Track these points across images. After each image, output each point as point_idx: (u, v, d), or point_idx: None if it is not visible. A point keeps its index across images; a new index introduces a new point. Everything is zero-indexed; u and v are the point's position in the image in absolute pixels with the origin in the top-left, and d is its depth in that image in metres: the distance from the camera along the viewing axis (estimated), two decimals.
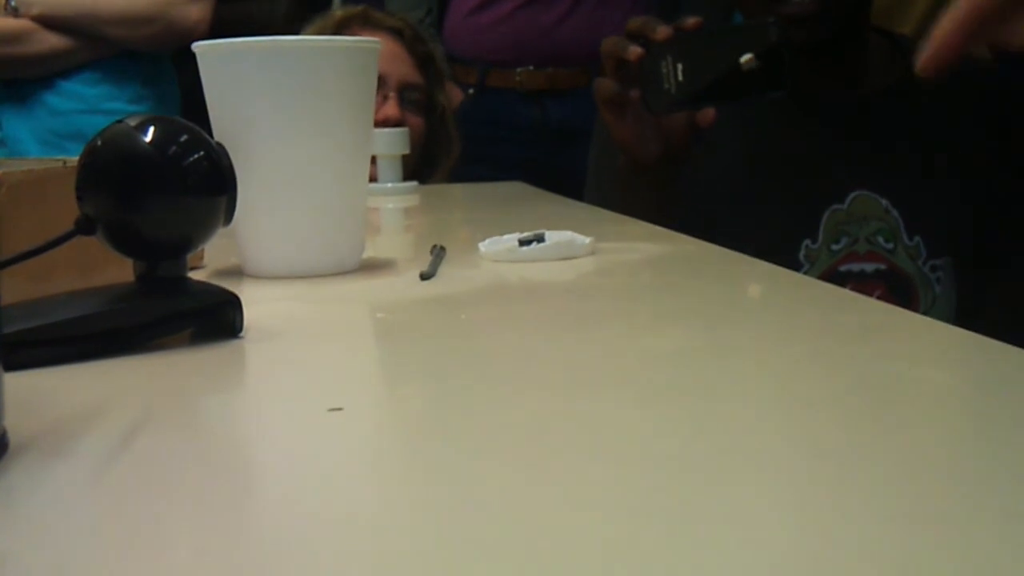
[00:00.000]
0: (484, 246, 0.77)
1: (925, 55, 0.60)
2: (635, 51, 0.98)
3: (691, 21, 0.99)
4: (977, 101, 1.19)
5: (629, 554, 0.28)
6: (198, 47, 0.70)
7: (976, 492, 0.32)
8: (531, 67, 1.81)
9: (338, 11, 1.63)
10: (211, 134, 0.63)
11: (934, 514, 0.30)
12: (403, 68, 1.59)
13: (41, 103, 1.63)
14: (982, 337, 0.49)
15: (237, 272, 0.72)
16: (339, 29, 1.58)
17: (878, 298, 0.69)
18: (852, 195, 1.16)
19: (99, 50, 1.63)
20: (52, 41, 1.60)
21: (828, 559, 0.27)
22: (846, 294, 0.64)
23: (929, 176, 1.17)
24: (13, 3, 1.59)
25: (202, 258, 0.75)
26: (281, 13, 1.89)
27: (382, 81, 1.24)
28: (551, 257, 0.75)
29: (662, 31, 0.98)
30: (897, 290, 1.15)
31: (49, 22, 1.59)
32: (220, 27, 1.64)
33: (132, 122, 0.51)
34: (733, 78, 0.97)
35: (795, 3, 1.10)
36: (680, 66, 0.97)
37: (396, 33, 1.60)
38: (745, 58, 0.95)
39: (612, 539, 0.28)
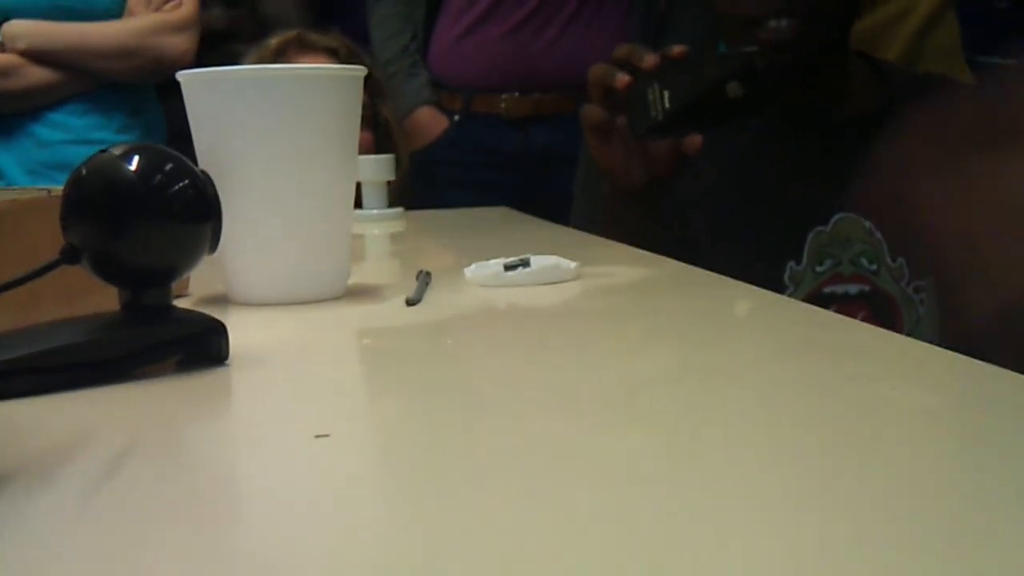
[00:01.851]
0: (470, 271, 0.77)
1: None
2: (623, 79, 0.99)
3: (677, 50, 1.00)
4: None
5: None
6: (183, 76, 0.70)
7: (960, 513, 0.32)
8: (516, 93, 1.81)
9: (273, 39, 1.66)
10: (196, 162, 0.63)
11: (917, 535, 0.30)
12: None
13: (28, 134, 1.63)
14: (963, 357, 0.50)
15: (223, 300, 0.72)
16: (277, 56, 1.61)
17: (861, 320, 0.69)
18: (836, 217, 1.17)
19: (86, 82, 1.63)
20: (39, 75, 1.60)
21: None
22: (829, 316, 0.64)
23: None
24: (0, 38, 1.59)
25: (187, 286, 0.75)
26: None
27: None
28: (537, 282, 0.75)
29: (649, 59, 0.99)
30: (880, 311, 1.16)
31: (36, 56, 1.59)
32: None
33: (116, 151, 0.51)
34: (718, 105, 0.99)
35: (772, 28, 1.11)
36: (666, 93, 0.99)
37: (331, 53, 1.64)
38: (732, 87, 0.97)
39: (600, 562, 0.29)
